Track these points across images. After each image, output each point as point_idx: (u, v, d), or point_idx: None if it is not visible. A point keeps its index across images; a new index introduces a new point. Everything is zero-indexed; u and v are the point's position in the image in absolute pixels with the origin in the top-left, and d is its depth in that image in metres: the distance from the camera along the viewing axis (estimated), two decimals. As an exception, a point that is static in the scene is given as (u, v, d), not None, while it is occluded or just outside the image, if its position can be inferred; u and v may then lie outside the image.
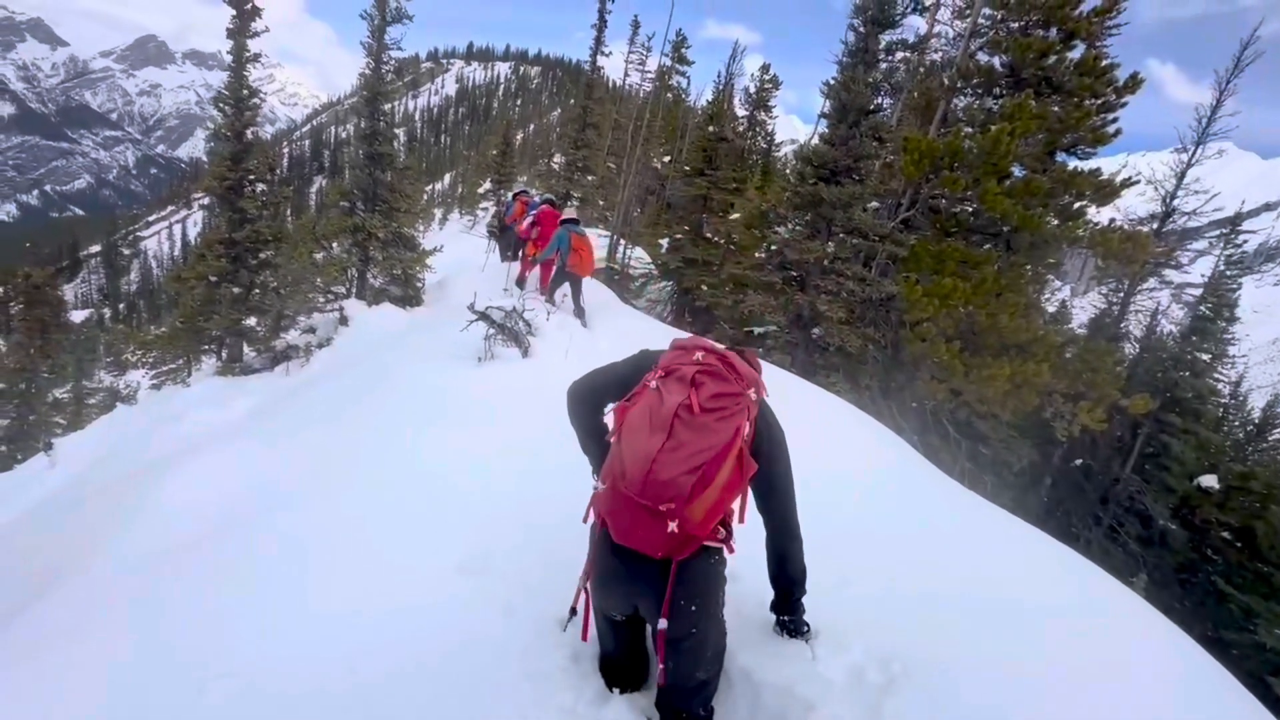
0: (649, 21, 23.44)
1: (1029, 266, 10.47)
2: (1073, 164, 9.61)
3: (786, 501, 1.97)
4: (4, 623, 3.19)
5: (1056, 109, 9.40)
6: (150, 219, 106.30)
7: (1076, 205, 9.65)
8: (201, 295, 9.42)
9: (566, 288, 8.02)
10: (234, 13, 9.05)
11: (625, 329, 7.94)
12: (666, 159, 24.47)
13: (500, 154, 26.92)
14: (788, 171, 22.83)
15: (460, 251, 13.03)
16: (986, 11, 10.40)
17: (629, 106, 21.39)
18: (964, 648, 2.19)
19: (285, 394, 7.22)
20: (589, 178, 17.46)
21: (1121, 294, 13.38)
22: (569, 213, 8.57)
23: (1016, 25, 9.87)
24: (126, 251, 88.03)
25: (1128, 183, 9.42)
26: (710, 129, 15.78)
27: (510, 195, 11.93)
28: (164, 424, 7.57)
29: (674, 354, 1.82)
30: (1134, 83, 9.35)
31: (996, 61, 10.03)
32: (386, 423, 4.64)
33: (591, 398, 2.01)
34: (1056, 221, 9.68)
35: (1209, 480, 11.58)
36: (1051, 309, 15.95)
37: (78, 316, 44.05)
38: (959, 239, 10.04)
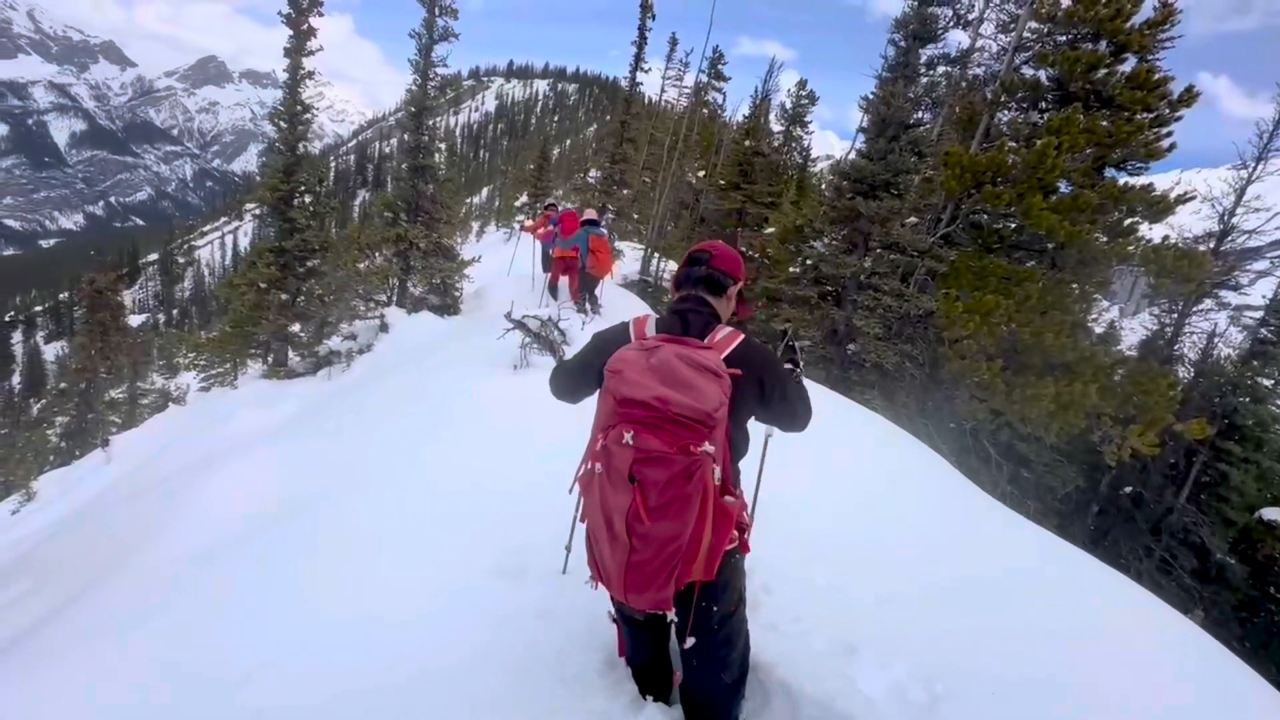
0: (684, 38, 23.71)
1: (1076, 284, 10.15)
2: (1123, 179, 9.31)
3: (799, 417, 1.79)
4: (65, 607, 3.34)
5: (1106, 123, 9.14)
6: (204, 229, 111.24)
7: (1127, 222, 9.33)
8: (251, 301, 9.79)
9: (601, 297, 8.13)
10: (291, 33, 9.47)
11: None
12: (701, 174, 24.59)
13: (537, 168, 27.39)
14: (823, 186, 22.70)
15: (498, 262, 13.28)
16: (1032, 25, 10.22)
17: (665, 122, 21.61)
18: (1010, 669, 2.11)
19: (327, 398, 7.44)
20: (624, 191, 17.65)
21: (1175, 315, 12.83)
22: (589, 214, 8.71)
23: (1064, 39, 9.66)
24: (181, 260, 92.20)
25: (1183, 198, 9.08)
26: (746, 143, 15.81)
27: (542, 208, 12.15)
28: (212, 424, 7.86)
29: (609, 405, 1.51)
30: (1189, 96, 9.04)
31: (1043, 75, 9.83)
32: (424, 427, 4.73)
33: (569, 398, 1.96)
34: (1105, 238, 9.37)
35: (1272, 514, 10.94)
36: (1099, 329, 15.40)
37: (135, 321, 46.22)
38: (1001, 255, 9.81)
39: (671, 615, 1.58)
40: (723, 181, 16.65)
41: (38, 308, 76.34)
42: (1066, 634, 2.38)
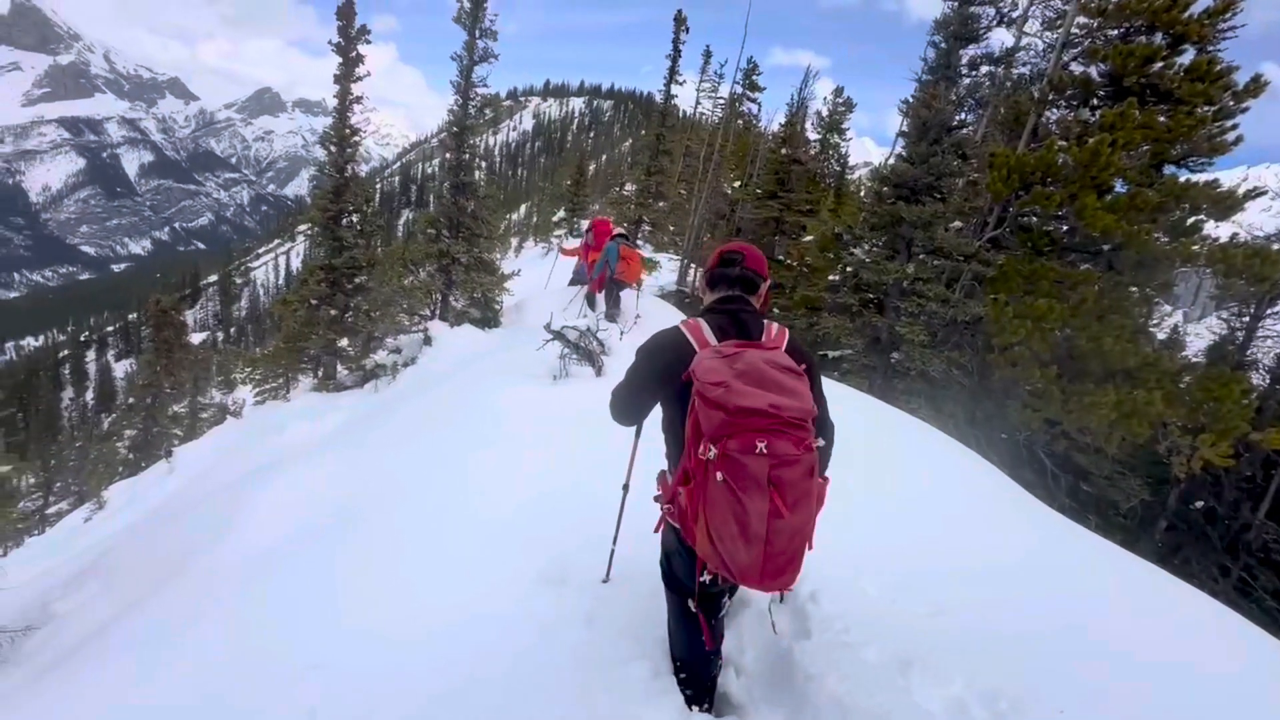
0: (717, 51, 23.82)
1: (1135, 287, 9.66)
2: (1185, 176, 8.85)
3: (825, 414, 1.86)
4: (134, 606, 3.49)
5: (1163, 118, 8.72)
6: (259, 251, 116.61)
7: (1190, 220, 8.85)
8: (303, 317, 10.20)
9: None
10: (340, 60, 9.91)
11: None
12: (736, 184, 24.55)
13: (574, 184, 27.79)
14: (862, 193, 22.35)
15: (536, 276, 13.50)
16: (1080, 20, 9.88)
17: (700, 133, 21.68)
18: (1075, 689, 1.98)
19: (374, 409, 7.65)
20: (660, 204, 17.74)
21: (1247, 318, 12.07)
22: (618, 230, 8.84)
23: (1115, 32, 9.30)
24: (238, 280, 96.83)
25: (1252, 194, 8.57)
26: (783, 152, 15.72)
27: (586, 226, 12.34)
28: (266, 435, 8.18)
29: (719, 421, 1.52)
30: (1255, 87, 8.55)
31: (1093, 71, 9.47)
32: (468, 437, 4.80)
33: (635, 421, 2.05)
34: (1166, 238, 8.91)
35: (1364, 530, 10.10)
36: (1161, 335, 14.60)
37: (196, 339, 48.61)
38: (1053, 258, 9.42)
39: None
40: (759, 191, 16.57)
41: (109, 328, 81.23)
42: (1145, 652, 2.23)
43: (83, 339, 78.73)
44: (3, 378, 55.37)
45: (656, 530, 1.96)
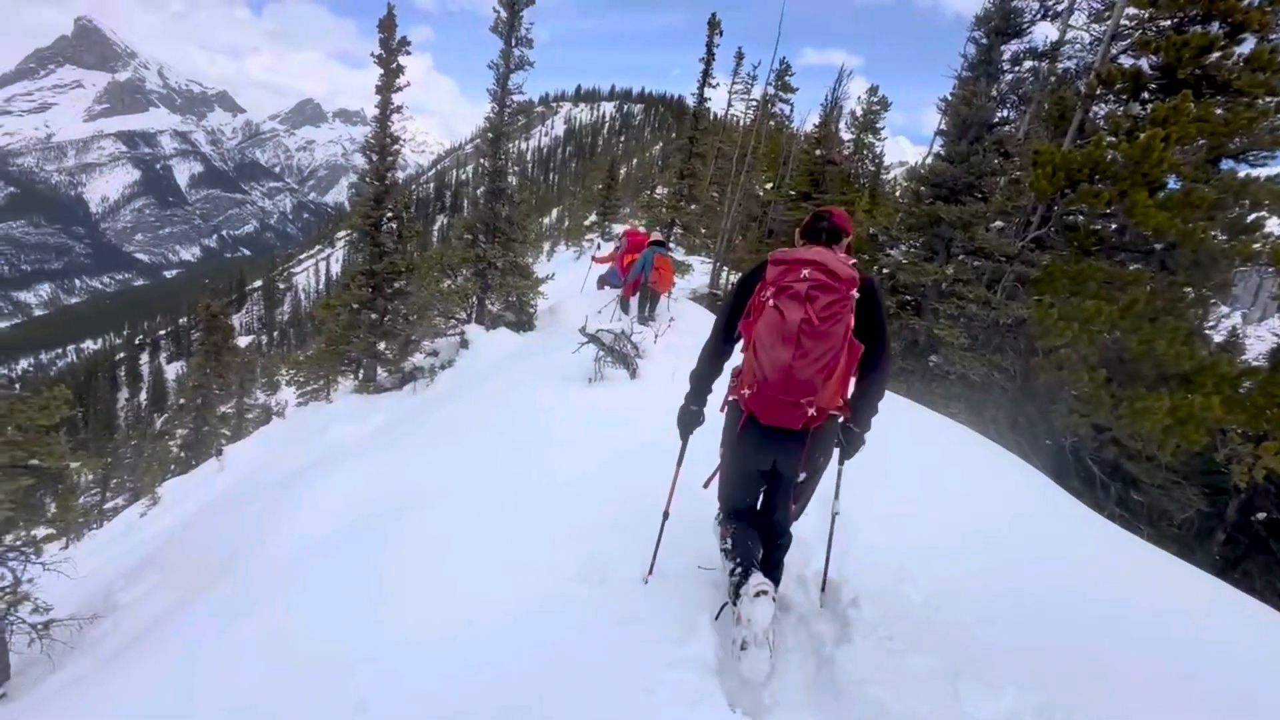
0: (748, 52, 23.71)
1: (1190, 288, 9.24)
2: (1244, 171, 8.46)
3: (884, 369, 2.27)
4: (186, 601, 3.65)
5: (1220, 111, 8.34)
6: (301, 257, 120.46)
7: (1251, 218, 8.43)
8: (345, 321, 10.49)
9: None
10: (381, 71, 10.19)
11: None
12: (769, 186, 24.36)
13: (605, 187, 27.94)
14: (898, 193, 21.92)
15: (569, 279, 13.63)
16: (1130, 12, 9.53)
17: (732, 135, 21.57)
18: (1135, 705, 1.91)
19: (413, 411, 7.83)
20: (692, 206, 17.72)
21: (1313, 319, 11.44)
22: (655, 236, 8.93)
23: (1168, 23, 8.95)
24: (281, 285, 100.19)
25: (1319, 189, 8.12)
26: (817, 153, 15.54)
27: (619, 232, 12.45)
28: (310, 435, 8.44)
29: (779, 270, 2.12)
30: (1322, 76, 8.12)
31: (1144, 63, 9.12)
32: (505, 438, 4.88)
33: (722, 352, 2.42)
34: (1224, 236, 8.51)
35: None
36: (1218, 337, 13.92)
37: (242, 342, 50.44)
38: (1101, 257, 9.09)
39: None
40: (793, 192, 16.40)
41: (161, 331, 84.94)
42: (1212, 667, 2.14)
43: (137, 342, 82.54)
44: (65, 379, 58.35)
45: (704, 486, 2.49)
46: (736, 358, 2.37)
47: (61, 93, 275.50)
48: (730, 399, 2.31)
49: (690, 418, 2.47)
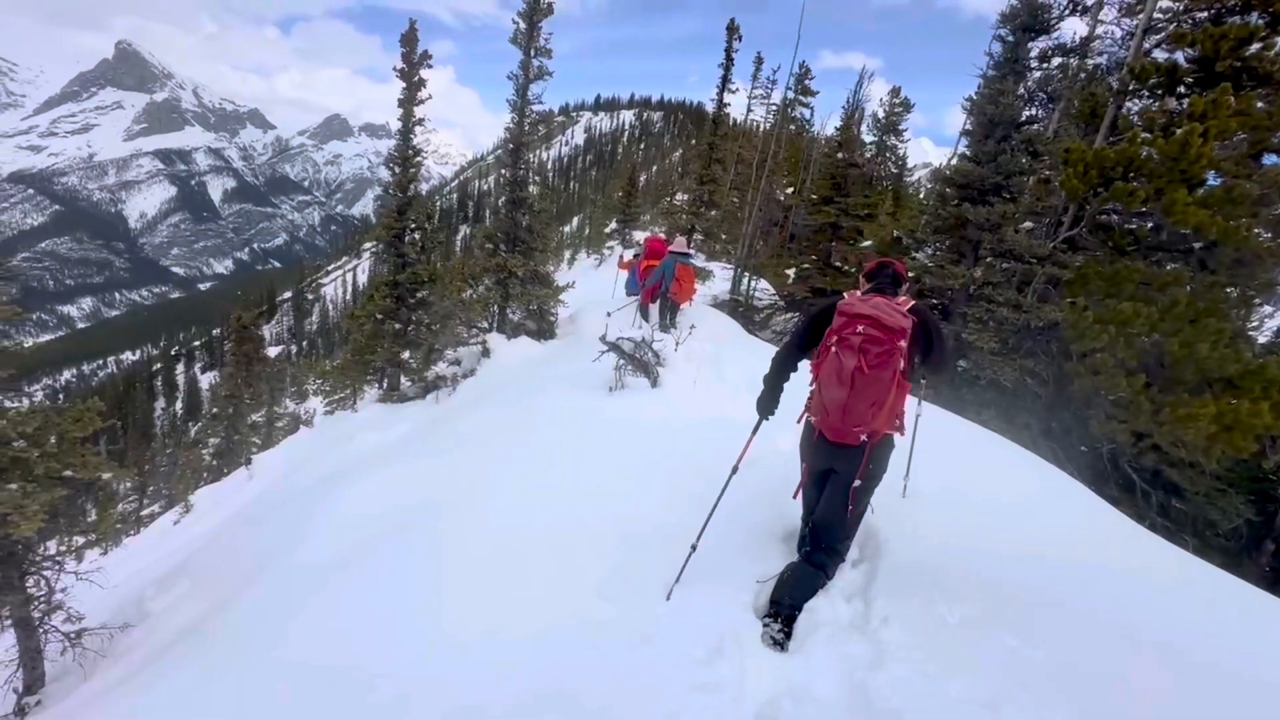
0: (767, 57, 23.60)
1: (1232, 288, 8.88)
2: (1289, 166, 8.10)
3: (947, 365, 2.78)
4: (217, 609, 3.68)
5: (1262, 104, 8.02)
6: (329, 268, 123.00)
7: (1297, 214, 8.09)
8: (370, 331, 10.63)
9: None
10: (404, 85, 10.34)
11: (751, 360, 7.82)
12: (790, 190, 24.16)
13: (625, 195, 28.02)
14: (922, 195, 21.56)
15: (589, 287, 13.65)
16: (1164, 4, 9.24)
17: (752, 140, 21.47)
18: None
19: (436, 420, 7.87)
20: (712, 212, 17.64)
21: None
22: (679, 244, 8.88)
23: (1204, 15, 8.65)
24: (310, 297, 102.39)
25: (1371, 183, 7.75)
26: (839, 156, 15.36)
27: (640, 239, 12.44)
28: (337, 444, 8.54)
29: (842, 321, 2.57)
30: (1372, 65, 7.76)
31: (1180, 57, 8.82)
32: (525, 448, 4.86)
33: (791, 362, 2.90)
34: (1269, 234, 8.17)
35: None
36: (1263, 338, 13.36)
37: (272, 352, 51.62)
38: (1137, 257, 8.78)
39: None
40: (815, 196, 16.23)
41: (196, 343, 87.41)
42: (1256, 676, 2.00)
43: (173, 353, 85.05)
44: (105, 389, 60.31)
45: (794, 497, 2.97)
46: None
47: (103, 114, 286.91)
48: (806, 417, 2.86)
49: (766, 403, 2.88)
